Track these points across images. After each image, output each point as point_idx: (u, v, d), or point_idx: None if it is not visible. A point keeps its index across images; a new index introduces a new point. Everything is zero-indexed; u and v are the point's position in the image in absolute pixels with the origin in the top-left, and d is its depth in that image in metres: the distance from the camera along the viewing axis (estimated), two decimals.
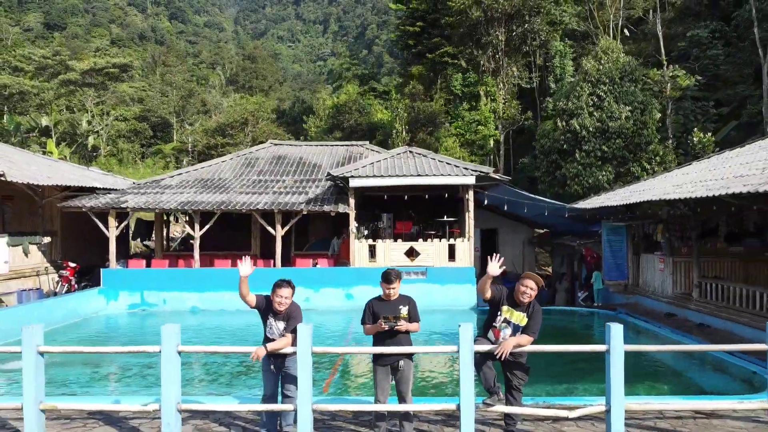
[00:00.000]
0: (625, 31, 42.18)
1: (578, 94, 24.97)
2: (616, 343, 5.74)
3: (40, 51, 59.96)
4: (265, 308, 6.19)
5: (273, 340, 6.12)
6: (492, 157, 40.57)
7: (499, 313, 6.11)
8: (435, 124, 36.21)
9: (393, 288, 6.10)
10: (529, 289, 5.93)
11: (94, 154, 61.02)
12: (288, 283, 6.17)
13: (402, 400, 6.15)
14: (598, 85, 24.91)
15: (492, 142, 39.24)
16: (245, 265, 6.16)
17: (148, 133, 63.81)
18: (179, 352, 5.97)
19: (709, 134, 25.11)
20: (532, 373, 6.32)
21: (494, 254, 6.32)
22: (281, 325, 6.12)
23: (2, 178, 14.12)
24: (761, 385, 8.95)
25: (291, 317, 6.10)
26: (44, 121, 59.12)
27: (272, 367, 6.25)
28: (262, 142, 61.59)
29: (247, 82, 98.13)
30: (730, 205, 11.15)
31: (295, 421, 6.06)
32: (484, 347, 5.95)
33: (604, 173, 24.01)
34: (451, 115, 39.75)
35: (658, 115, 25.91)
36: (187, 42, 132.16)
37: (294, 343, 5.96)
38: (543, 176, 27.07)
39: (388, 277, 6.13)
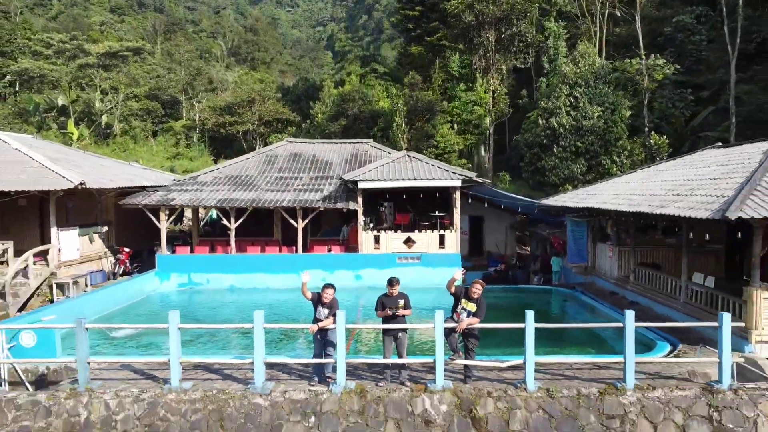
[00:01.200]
0: (617, 11, 44.87)
1: (557, 95, 28.37)
2: (529, 324, 9.53)
3: (58, 36, 62.52)
4: (317, 300, 9.96)
5: (320, 320, 9.90)
6: (487, 136, 43.76)
7: (459, 303, 9.89)
8: (432, 113, 39.47)
9: (394, 288, 9.91)
10: (477, 290, 9.71)
11: (108, 131, 64.08)
12: (331, 286, 9.95)
13: (400, 356, 10.00)
14: (575, 87, 28.30)
15: (487, 122, 42.39)
16: (306, 275, 9.92)
17: (159, 111, 66.90)
18: (264, 328, 9.78)
19: (664, 137, 28.55)
20: (500, 338, 10.09)
21: (460, 269, 10.12)
22: (326, 311, 9.88)
23: (83, 186, 17.77)
24: (651, 348, 12.82)
25: (332, 306, 9.87)
26: (60, 100, 62.05)
27: (318, 336, 10.06)
28: (268, 121, 64.66)
29: (249, 54, 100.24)
30: (646, 216, 14.79)
31: (333, 370, 9.91)
32: (450, 325, 9.76)
33: (577, 166, 27.59)
34: (449, 94, 42.75)
35: (628, 113, 29.34)
36: (185, 8, 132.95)
37: (334, 322, 9.76)
38: (526, 166, 30.64)
39: (391, 282, 9.96)
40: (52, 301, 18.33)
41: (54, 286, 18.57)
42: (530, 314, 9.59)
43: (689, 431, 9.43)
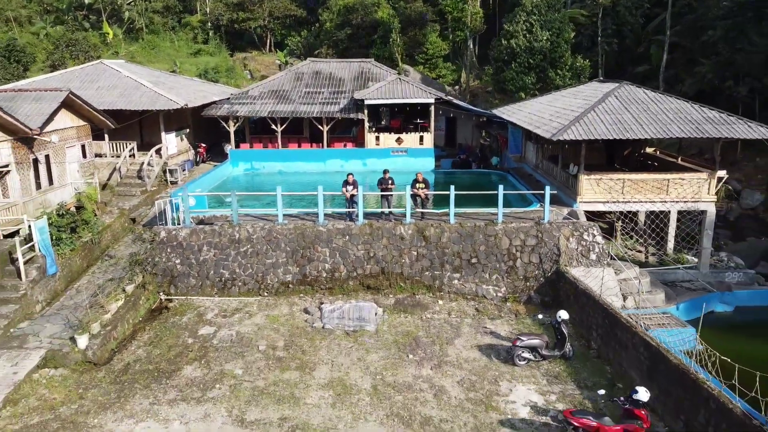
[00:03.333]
0: None
1: (516, 21, 36.41)
2: (452, 192, 19.54)
3: None
4: (345, 183, 19.95)
5: (348, 190, 19.95)
6: (473, 40, 51.41)
7: (415, 183, 19.94)
8: (423, 23, 47.00)
9: (387, 174, 19.94)
10: (421, 177, 19.71)
11: (131, 26, 70.12)
12: (351, 173, 19.91)
13: (389, 208, 20.25)
14: (530, 15, 36.25)
15: (478, 20, 49.51)
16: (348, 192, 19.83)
17: (177, 7, 72.93)
18: (323, 194, 19.89)
19: (586, 60, 36.95)
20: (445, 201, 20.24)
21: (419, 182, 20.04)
22: (351, 186, 19.88)
23: (187, 106, 27.08)
24: (530, 204, 22.94)
25: (354, 183, 19.86)
26: None
27: (349, 197, 20.18)
28: (278, 17, 70.40)
29: None
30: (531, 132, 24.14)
31: (356, 216, 20.16)
32: (413, 192, 19.89)
33: (529, 78, 36.28)
34: None
35: (572, 34, 37.44)
36: None
37: (356, 192, 19.83)
38: (493, 75, 39.25)
39: (385, 171, 20.02)
40: (167, 182, 28.34)
41: (167, 170, 28.50)
42: (452, 187, 19.56)
43: (526, 243, 19.79)
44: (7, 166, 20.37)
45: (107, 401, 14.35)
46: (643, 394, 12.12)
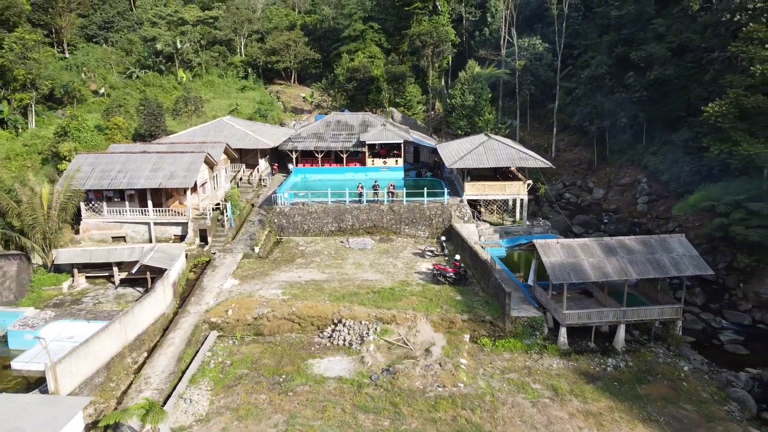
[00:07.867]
0: None
1: (455, 88, 61.82)
2: (405, 191, 45.21)
3: (167, 9, 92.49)
4: (358, 186, 45.62)
5: (360, 189, 45.61)
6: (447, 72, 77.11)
7: (388, 186, 45.70)
8: (403, 78, 72.52)
9: (377, 183, 45.74)
10: (393, 185, 45.49)
11: (188, 64, 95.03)
12: (361, 183, 45.62)
13: (377, 198, 46.14)
14: (463, 85, 61.66)
15: (450, 59, 75.89)
16: (360, 187, 45.66)
17: (226, 53, 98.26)
18: (345, 192, 45.68)
19: (492, 114, 62.63)
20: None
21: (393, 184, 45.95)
22: (360, 188, 45.54)
23: (275, 147, 52.57)
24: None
25: (363, 186, 45.48)
26: (159, 46, 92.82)
27: (359, 193, 45.90)
28: (302, 60, 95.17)
29: None
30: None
31: (363, 201, 45.92)
32: (387, 190, 45.70)
33: (463, 122, 61.60)
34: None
35: (490, 95, 62.89)
36: None
37: (362, 189, 45.54)
38: (444, 118, 64.71)
39: (375, 180, 45.89)
40: (261, 185, 53.85)
41: (260, 179, 54.05)
42: (404, 188, 45.17)
43: (437, 213, 45.21)
44: (206, 180, 46.12)
45: (272, 268, 39.92)
46: (456, 256, 37.94)
